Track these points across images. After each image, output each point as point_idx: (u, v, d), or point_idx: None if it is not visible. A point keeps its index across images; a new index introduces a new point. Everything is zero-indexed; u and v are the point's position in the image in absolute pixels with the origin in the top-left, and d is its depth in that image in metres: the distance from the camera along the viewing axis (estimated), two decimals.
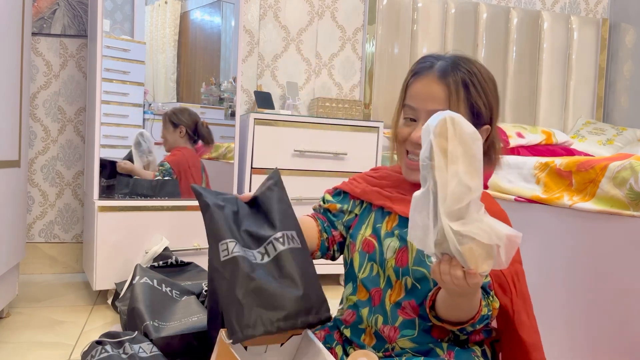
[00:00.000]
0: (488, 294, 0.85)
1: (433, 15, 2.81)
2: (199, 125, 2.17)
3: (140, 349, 1.19)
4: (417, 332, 0.89)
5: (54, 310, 1.85)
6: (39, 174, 2.37)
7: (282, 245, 0.89)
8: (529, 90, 2.98)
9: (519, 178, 1.58)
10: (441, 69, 0.90)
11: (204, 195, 0.92)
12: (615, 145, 2.68)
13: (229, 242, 0.86)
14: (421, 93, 0.91)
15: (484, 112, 0.91)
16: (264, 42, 2.66)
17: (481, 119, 0.91)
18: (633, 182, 1.15)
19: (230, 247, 0.85)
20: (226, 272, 0.83)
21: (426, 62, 0.94)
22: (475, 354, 0.90)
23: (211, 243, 0.87)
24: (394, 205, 0.94)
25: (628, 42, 3.04)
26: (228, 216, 0.90)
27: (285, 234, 0.90)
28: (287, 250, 0.88)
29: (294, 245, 0.89)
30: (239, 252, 0.85)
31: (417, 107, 0.91)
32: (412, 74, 0.94)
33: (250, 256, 0.87)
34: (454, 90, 0.89)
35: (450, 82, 0.89)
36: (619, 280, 1.19)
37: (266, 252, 0.89)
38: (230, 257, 0.84)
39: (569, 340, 1.33)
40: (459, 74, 0.89)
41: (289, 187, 1.12)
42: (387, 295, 0.92)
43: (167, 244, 1.95)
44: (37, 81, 2.34)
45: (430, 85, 0.90)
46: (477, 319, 0.81)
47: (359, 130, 2.36)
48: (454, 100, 0.88)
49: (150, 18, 2.16)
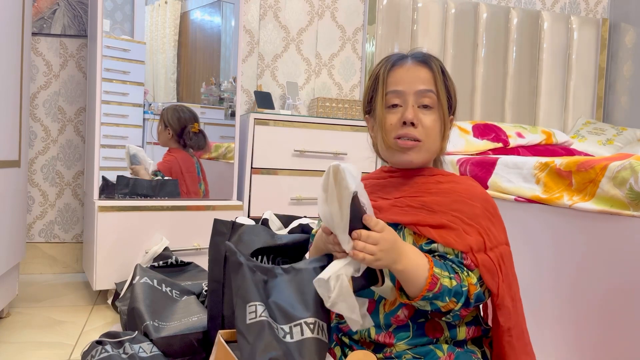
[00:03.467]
0: (462, 270, 0.86)
1: (433, 15, 2.81)
2: (185, 131, 2.13)
3: (140, 349, 1.19)
4: (411, 334, 0.89)
5: (54, 310, 1.86)
6: (39, 174, 2.37)
7: (310, 332, 0.83)
8: (529, 90, 2.98)
9: (518, 178, 1.58)
10: (418, 57, 0.95)
11: (238, 254, 0.89)
12: (615, 145, 2.68)
13: (259, 305, 0.83)
14: (406, 76, 0.93)
15: (453, 99, 0.97)
16: (264, 42, 2.66)
17: (452, 104, 0.97)
18: (633, 182, 1.15)
19: (259, 310, 0.82)
20: (250, 335, 0.79)
21: (395, 55, 0.97)
22: (476, 355, 0.89)
23: (239, 304, 0.84)
24: (380, 213, 0.93)
25: (628, 42, 3.04)
26: (259, 281, 0.87)
27: (318, 323, 0.84)
28: (313, 340, 0.82)
29: (321, 337, 0.83)
30: (266, 317, 0.81)
31: (404, 89, 0.92)
32: (389, 66, 0.95)
33: (275, 328, 0.82)
34: (437, 71, 0.93)
35: (432, 65, 0.94)
36: (619, 280, 1.19)
37: (290, 332, 0.83)
38: (258, 320, 0.81)
39: (568, 340, 1.33)
40: (435, 61, 0.95)
41: (288, 187, 1.11)
42: (381, 305, 0.92)
43: (167, 244, 1.95)
44: (37, 81, 2.34)
45: (414, 69, 0.93)
46: (435, 287, 0.81)
47: (359, 130, 2.36)
48: (439, 81, 0.93)
49: (150, 18, 2.16)
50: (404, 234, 0.91)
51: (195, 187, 2.18)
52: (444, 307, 0.84)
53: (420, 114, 0.92)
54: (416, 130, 0.91)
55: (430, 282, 0.81)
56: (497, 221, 0.93)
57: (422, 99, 0.92)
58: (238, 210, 2.12)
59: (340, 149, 2.33)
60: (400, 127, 0.92)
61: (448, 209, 0.90)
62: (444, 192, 0.92)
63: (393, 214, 0.92)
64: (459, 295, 0.83)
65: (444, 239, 0.87)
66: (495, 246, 0.89)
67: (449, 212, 0.89)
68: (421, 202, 0.91)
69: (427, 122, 0.92)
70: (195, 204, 2.07)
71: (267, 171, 2.26)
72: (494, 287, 0.87)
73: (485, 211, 0.91)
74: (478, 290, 0.85)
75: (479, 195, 0.93)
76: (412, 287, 0.82)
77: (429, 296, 0.82)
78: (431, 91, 0.92)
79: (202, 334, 1.29)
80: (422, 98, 0.92)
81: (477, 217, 0.89)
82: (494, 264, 0.88)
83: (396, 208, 0.92)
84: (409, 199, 0.92)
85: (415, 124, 0.91)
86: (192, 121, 2.16)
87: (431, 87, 0.92)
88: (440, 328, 0.90)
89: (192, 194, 2.16)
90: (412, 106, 0.91)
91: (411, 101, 0.92)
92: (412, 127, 0.91)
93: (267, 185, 2.25)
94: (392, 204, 0.93)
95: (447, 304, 0.83)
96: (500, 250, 0.90)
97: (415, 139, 0.92)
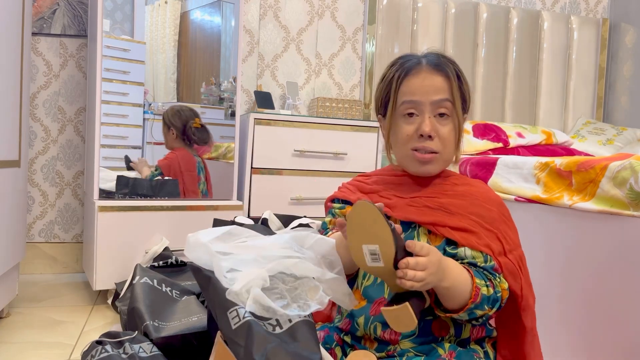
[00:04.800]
0: (494, 276, 0.87)
1: (433, 15, 2.81)
2: (187, 128, 2.14)
3: (140, 349, 1.19)
4: (417, 331, 0.89)
5: (54, 310, 1.85)
6: (39, 174, 2.37)
7: (298, 316, 0.83)
8: (529, 90, 2.98)
9: (519, 178, 1.58)
10: (433, 62, 0.93)
11: (202, 269, 0.88)
12: (615, 145, 2.68)
13: (239, 308, 0.81)
14: (421, 86, 0.91)
15: (468, 100, 0.96)
16: (264, 42, 2.66)
17: (466, 106, 0.96)
18: (633, 182, 1.15)
19: (241, 313, 0.81)
20: (240, 338, 0.78)
21: (410, 60, 0.95)
22: (478, 355, 0.89)
23: (219, 314, 0.83)
24: (393, 211, 0.93)
25: (628, 42, 3.04)
26: None
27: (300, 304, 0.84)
28: (302, 322, 0.82)
29: (308, 318, 0.83)
30: (250, 317, 0.80)
31: (419, 100, 0.91)
32: (404, 73, 0.93)
33: (262, 325, 0.82)
34: (453, 78, 0.92)
35: (447, 72, 0.92)
36: (619, 280, 1.19)
37: (278, 324, 0.83)
38: (243, 322, 0.80)
39: (568, 340, 1.33)
40: (450, 65, 0.93)
41: (288, 187, 1.11)
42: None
43: (167, 244, 1.95)
44: (37, 81, 2.34)
45: (430, 77, 0.92)
46: (477, 299, 0.82)
47: (359, 130, 2.36)
48: (455, 88, 0.91)
49: (150, 18, 2.16)
50: (419, 234, 0.92)
51: (194, 187, 2.18)
52: (481, 314, 0.85)
53: (438, 125, 0.91)
54: (433, 142, 0.91)
55: (474, 294, 0.82)
56: (512, 225, 0.95)
57: (439, 109, 0.91)
58: (238, 210, 2.12)
59: (340, 149, 2.33)
60: (417, 140, 0.91)
61: (466, 211, 0.91)
62: (460, 195, 0.93)
63: (409, 212, 0.92)
64: (495, 301, 0.85)
65: (467, 240, 0.88)
66: (514, 249, 0.91)
67: (467, 215, 0.90)
68: (438, 203, 0.92)
69: (443, 133, 0.91)
70: (195, 204, 2.07)
71: (267, 171, 2.26)
72: (517, 289, 0.89)
73: (502, 215, 0.93)
74: (508, 293, 0.88)
75: (495, 199, 0.94)
76: (455, 301, 0.83)
77: (471, 307, 0.83)
78: (447, 100, 0.91)
79: (202, 334, 1.29)
80: (438, 107, 0.91)
81: (495, 222, 0.91)
82: (515, 267, 0.89)
83: (412, 207, 0.93)
84: (425, 199, 0.93)
85: (433, 137, 0.91)
86: (193, 116, 2.17)
87: (447, 95, 0.91)
88: (446, 327, 0.90)
89: (189, 192, 2.16)
90: (428, 117, 0.91)
91: (427, 112, 0.91)
92: (430, 140, 0.91)
93: (267, 185, 2.25)
94: (408, 203, 0.94)
95: (484, 312, 0.84)
96: (518, 252, 0.92)
97: (432, 152, 0.92)
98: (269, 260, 0.87)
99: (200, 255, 0.91)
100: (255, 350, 0.76)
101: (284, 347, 0.78)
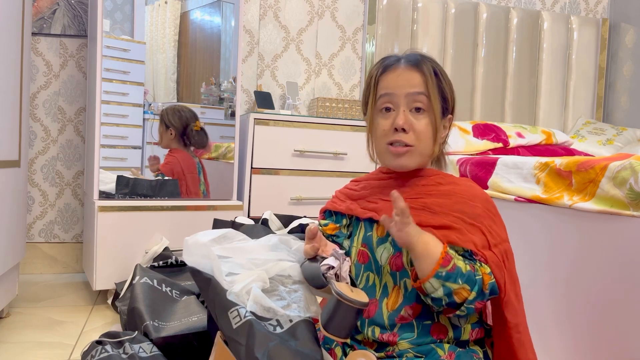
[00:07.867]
0: (475, 262, 0.86)
1: (433, 15, 2.81)
2: (188, 129, 2.14)
3: (140, 349, 1.19)
4: (416, 333, 0.89)
5: (54, 310, 1.85)
6: (39, 174, 2.37)
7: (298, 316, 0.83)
8: (529, 90, 2.98)
9: (519, 178, 1.58)
10: (410, 60, 0.95)
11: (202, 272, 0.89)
12: (615, 145, 2.68)
13: (239, 308, 0.82)
14: (397, 80, 0.94)
15: (449, 100, 0.97)
16: (264, 42, 2.66)
17: (448, 105, 0.97)
18: (633, 182, 1.15)
19: (242, 312, 0.81)
20: (241, 337, 0.79)
21: (390, 58, 0.97)
22: (477, 355, 0.89)
23: (220, 314, 0.83)
24: (379, 214, 0.94)
25: (628, 42, 3.04)
26: None
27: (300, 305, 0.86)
28: (302, 322, 0.83)
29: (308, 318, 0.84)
30: (251, 316, 0.81)
31: (395, 92, 0.93)
32: (381, 70, 0.96)
33: (264, 325, 0.82)
34: (428, 75, 0.93)
35: (423, 68, 0.93)
36: (619, 280, 1.19)
37: (279, 324, 0.83)
38: (244, 321, 0.80)
39: (567, 340, 1.33)
40: (428, 63, 0.95)
41: (288, 187, 1.12)
42: (384, 304, 0.92)
43: (167, 244, 1.95)
44: (37, 81, 2.34)
45: (405, 73, 0.94)
46: (448, 264, 0.82)
47: (358, 130, 2.36)
48: (430, 84, 0.93)
49: (150, 18, 2.16)
50: None
51: (196, 188, 2.18)
52: (457, 295, 0.83)
53: (412, 118, 0.92)
54: (407, 135, 0.92)
55: (443, 257, 0.82)
56: (498, 220, 0.94)
57: (414, 102, 0.92)
58: (238, 210, 2.12)
59: (340, 149, 2.33)
60: (392, 133, 0.93)
61: (449, 210, 0.90)
62: (444, 194, 0.93)
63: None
64: (472, 282, 0.83)
65: (448, 237, 0.87)
66: (500, 243, 0.90)
67: (451, 213, 0.90)
68: (422, 203, 0.92)
69: (418, 127, 0.92)
70: (195, 204, 2.07)
71: (267, 171, 2.26)
72: (501, 282, 0.88)
73: (487, 210, 0.92)
74: (492, 280, 0.86)
75: (479, 196, 0.94)
76: (425, 262, 0.83)
77: (442, 274, 0.82)
78: (422, 94, 0.92)
79: (202, 334, 1.29)
80: (413, 101, 0.92)
81: (479, 217, 0.90)
82: (500, 260, 0.89)
83: None
84: (410, 200, 0.93)
85: (407, 130, 0.92)
86: (194, 119, 2.17)
87: (422, 89, 0.92)
88: (445, 330, 0.90)
89: (192, 194, 2.16)
90: (403, 111, 0.92)
91: (402, 105, 0.93)
92: (404, 133, 0.92)
93: (267, 185, 2.25)
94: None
95: (460, 290, 0.82)
96: (503, 246, 0.91)
97: (406, 145, 0.92)
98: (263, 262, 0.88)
99: (198, 260, 0.92)
100: (257, 349, 0.76)
101: (285, 345, 0.78)
